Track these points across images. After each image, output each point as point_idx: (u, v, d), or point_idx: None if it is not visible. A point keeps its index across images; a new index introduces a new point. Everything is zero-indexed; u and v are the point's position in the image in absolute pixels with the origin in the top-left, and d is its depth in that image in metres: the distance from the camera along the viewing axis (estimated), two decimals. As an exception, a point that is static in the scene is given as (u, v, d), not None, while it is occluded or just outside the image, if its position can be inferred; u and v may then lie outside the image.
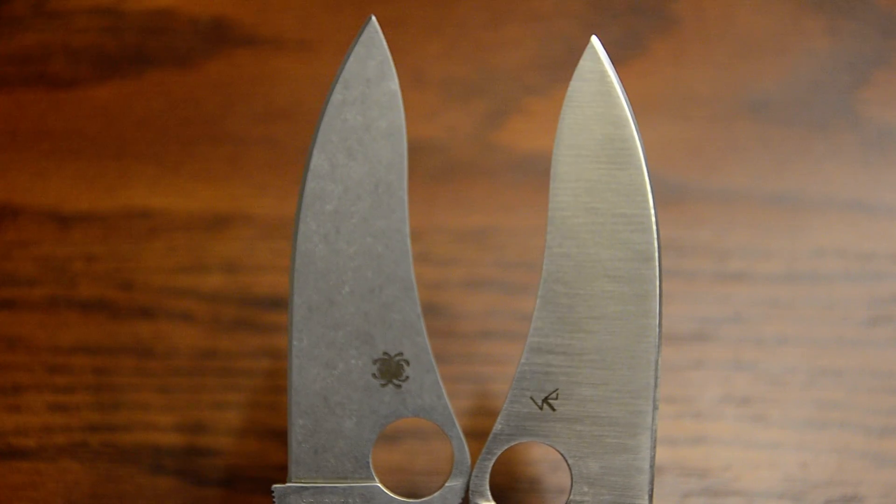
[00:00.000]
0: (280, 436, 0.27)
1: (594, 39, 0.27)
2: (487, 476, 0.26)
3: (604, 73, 0.27)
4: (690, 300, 0.34)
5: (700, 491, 0.32)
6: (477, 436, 0.32)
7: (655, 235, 0.26)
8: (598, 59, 0.27)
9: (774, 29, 0.38)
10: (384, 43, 0.25)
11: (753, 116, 0.37)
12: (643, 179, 0.26)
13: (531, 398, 0.26)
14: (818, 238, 0.35)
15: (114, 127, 0.36)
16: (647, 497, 0.26)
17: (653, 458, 0.26)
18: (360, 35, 0.26)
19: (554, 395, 0.26)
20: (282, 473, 0.27)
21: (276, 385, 0.26)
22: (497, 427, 0.26)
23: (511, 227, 0.35)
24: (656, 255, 0.26)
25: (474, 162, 0.36)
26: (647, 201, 0.26)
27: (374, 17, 0.25)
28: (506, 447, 0.26)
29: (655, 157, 0.36)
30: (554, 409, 0.26)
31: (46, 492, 0.32)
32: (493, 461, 0.26)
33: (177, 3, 0.38)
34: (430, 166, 0.36)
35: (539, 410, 0.26)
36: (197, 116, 0.37)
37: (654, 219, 0.26)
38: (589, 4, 0.38)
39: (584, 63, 0.27)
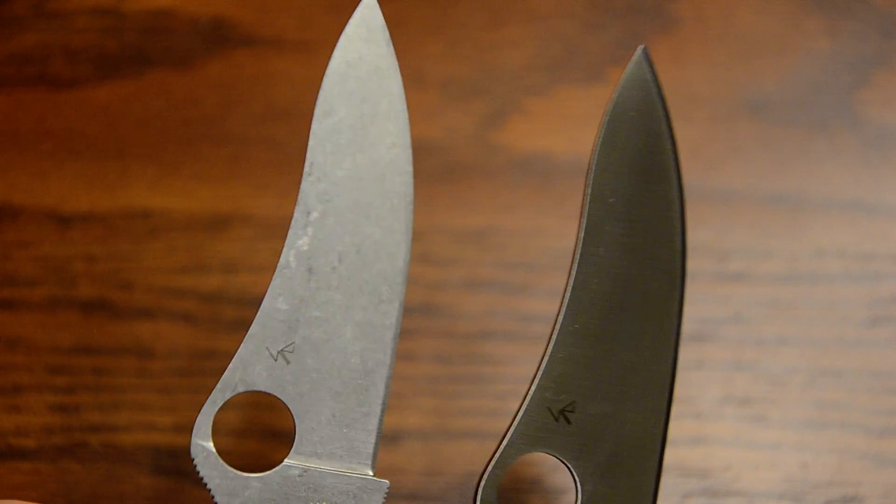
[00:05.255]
0: (281, 436, 0.27)
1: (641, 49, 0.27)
2: (497, 486, 0.25)
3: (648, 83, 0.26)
4: (691, 300, 0.34)
5: (700, 491, 0.32)
6: (476, 436, 0.32)
7: (681, 255, 0.26)
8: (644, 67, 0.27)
9: (774, 29, 0.38)
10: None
11: (753, 116, 0.37)
12: (675, 196, 0.26)
13: (548, 409, 0.25)
14: (818, 238, 0.35)
15: (114, 127, 0.36)
16: None
17: (657, 484, 0.25)
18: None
19: (570, 408, 0.25)
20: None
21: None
22: (511, 436, 0.25)
23: (511, 227, 0.35)
24: (680, 274, 0.25)
25: (474, 162, 0.36)
26: (677, 221, 0.25)
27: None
28: (518, 457, 0.25)
29: (655, 158, 0.36)
30: (569, 423, 0.25)
31: (46, 492, 0.32)
32: (504, 471, 0.25)
33: (177, 3, 0.38)
34: (430, 166, 0.36)
35: (554, 422, 0.25)
36: (197, 116, 0.37)
37: (682, 238, 0.26)
38: (589, 4, 0.38)
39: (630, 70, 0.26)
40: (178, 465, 0.32)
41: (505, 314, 0.34)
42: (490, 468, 0.25)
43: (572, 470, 0.25)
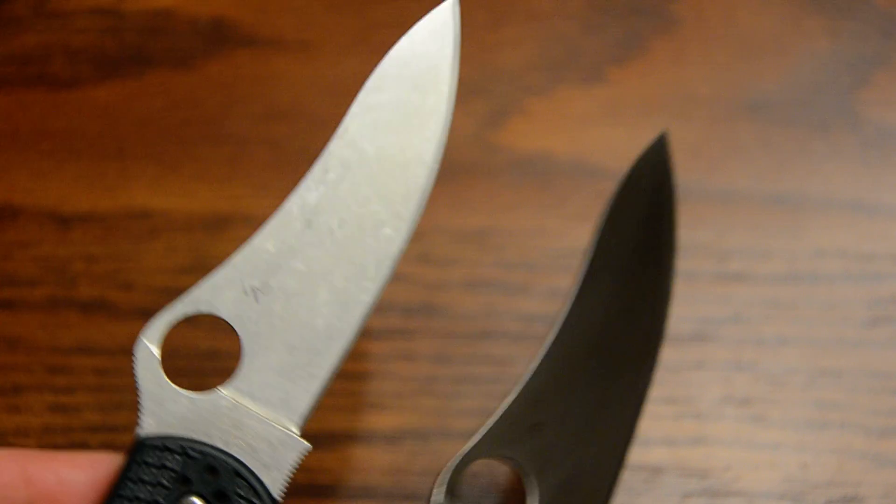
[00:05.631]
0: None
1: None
2: (459, 478, 0.26)
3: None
4: (690, 300, 0.34)
5: (700, 491, 0.32)
6: (477, 436, 0.32)
7: (662, 324, 0.27)
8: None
9: (774, 29, 0.38)
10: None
11: (753, 117, 0.37)
12: (668, 275, 0.27)
13: (520, 420, 0.26)
14: (818, 238, 0.35)
15: (114, 127, 0.36)
16: None
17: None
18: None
19: (539, 426, 0.26)
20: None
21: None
22: (482, 436, 0.26)
23: (511, 227, 0.35)
24: (658, 343, 0.27)
25: (474, 162, 0.36)
26: (666, 297, 0.27)
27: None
28: (483, 457, 0.26)
29: (655, 158, 0.36)
30: (536, 438, 0.26)
31: (46, 492, 0.32)
32: (467, 466, 0.26)
33: (177, 3, 0.38)
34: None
35: (524, 433, 0.26)
36: (197, 116, 0.37)
37: (665, 312, 0.27)
38: (589, 4, 0.38)
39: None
40: (178, 466, 0.32)
41: (505, 314, 0.34)
42: (456, 462, 0.26)
43: (531, 482, 0.26)
